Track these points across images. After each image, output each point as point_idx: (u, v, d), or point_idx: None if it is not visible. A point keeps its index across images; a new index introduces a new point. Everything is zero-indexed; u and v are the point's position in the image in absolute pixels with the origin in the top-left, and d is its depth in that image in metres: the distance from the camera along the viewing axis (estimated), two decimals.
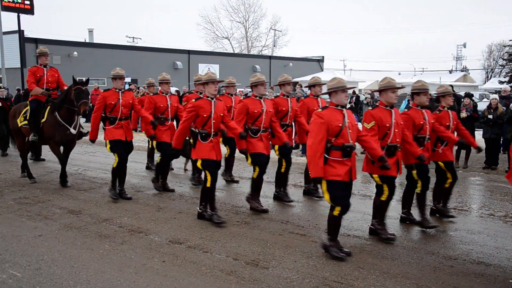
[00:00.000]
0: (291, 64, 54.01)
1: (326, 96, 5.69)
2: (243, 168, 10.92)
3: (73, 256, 5.42)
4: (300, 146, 8.40)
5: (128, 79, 34.68)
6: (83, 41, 43.53)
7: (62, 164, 9.10)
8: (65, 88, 9.11)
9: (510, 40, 45.18)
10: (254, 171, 7.26)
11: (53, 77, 9.40)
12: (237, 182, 9.57)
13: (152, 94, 9.77)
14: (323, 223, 6.66)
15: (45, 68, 9.32)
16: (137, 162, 11.86)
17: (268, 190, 8.53)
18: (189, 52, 46.89)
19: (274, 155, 7.80)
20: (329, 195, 5.29)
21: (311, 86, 8.17)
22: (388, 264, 5.23)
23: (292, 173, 10.23)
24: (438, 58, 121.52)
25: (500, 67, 50.61)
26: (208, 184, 6.54)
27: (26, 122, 9.17)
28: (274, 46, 63.01)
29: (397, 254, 5.56)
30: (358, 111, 19.44)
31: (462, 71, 56.44)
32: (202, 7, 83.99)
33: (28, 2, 31.55)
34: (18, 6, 31.10)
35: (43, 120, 8.86)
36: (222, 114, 6.66)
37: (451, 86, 13.74)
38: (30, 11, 31.95)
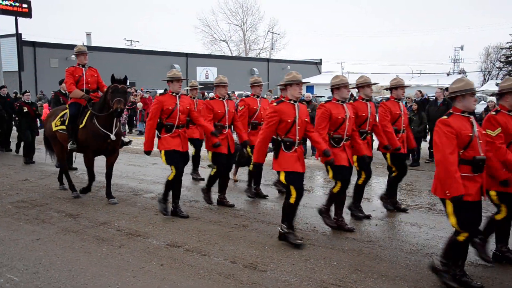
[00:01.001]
0: (289, 66, 54.10)
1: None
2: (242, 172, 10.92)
3: (71, 260, 5.41)
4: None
5: None
6: (81, 44, 43.49)
7: (90, 178, 8.26)
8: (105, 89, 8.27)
9: (508, 43, 45.24)
10: (335, 185, 6.46)
11: (93, 77, 8.53)
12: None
13: (193, 98, 9.48)
14: (321, 225, 6.67)
15: (83, 68, 8.43)
16: (135, 166, 11.87)
17: (266, 191, 8.54)
18: (187, 55, 46.99)
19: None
20: (457, 219, 4.54)
21: (392, 88, 7.32)
22: (386, 267, 5.23)
23: None
24: (436, 60, 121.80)
25: (497, 69, 50.73)
26: (292, 200, 5.78)
27: (63, 126, 8.29)
28: (272, 49, 63.22)
29: (395, 256, 5.56)
30: None
31: (459, 73, 56.55)
32: (200, 10, 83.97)
33: (25, 6, 31.56)
34: (16, 10, 31.14)
35: (81, 126, 7.96)
36: (306, 119, 5.92)
37: (446, 89, 13.86)
38: (27, 14, 31.97)
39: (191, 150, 8.81)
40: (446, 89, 13.61)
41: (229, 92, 19.63)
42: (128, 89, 25.42)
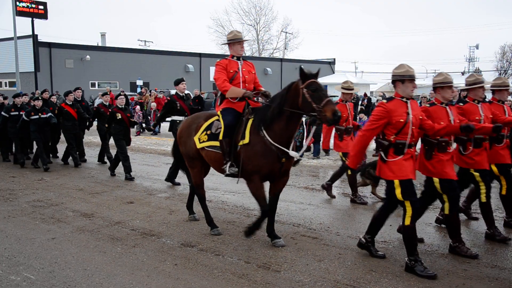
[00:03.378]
0: (302, 66, 53.87)
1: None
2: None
3: (85, 259, 5.46)
4: (311, 148, 8.45)
5: (140, 82, 34.99)
6: (96, 44, 43.95)
7: (263, 212, 5.81)
8: (261, 90, 6.35)
9: None
10: (448, 204, 5.49)
11: (250, 74, 6.39)
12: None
13: (345, 102, 8.40)
14: (335, 226, 6.64)
15: (239, 62, 6.35)
16: (149, 165, 11.93)
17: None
18: (200, 55, 47.13)
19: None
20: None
21: (496, 89, 6.52)
22: (401, 268, 5.18)
23: (304, 176, 10.22)
24: (451, 59, 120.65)
25: None
26: (408, 221, 5.05)
27: (213, 142, 6.10)
28: (285, 48, 63.16)
29: None
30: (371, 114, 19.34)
31: (474, 72, 56.00)
32: (213, 10, 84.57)
33: (42, 7, 31.95)
34: (32, 11, 31.55)
35: (244, 141, 5.78)
36: (421, 117, 5.19)
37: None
38: (44, 15, 32.36)
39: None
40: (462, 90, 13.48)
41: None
42: (143, 89, 25.49)
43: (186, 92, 10.54)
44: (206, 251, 5.70)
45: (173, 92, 12.32)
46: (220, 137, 5.93)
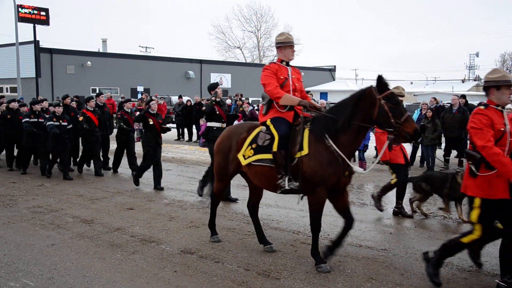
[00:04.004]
0: (302, 73, 53.57)
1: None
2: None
3: (85, 265, 5.45)
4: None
5: (140, 89, 35.05)
6: (97, 50, 44.06)
7: (316, 232, 5.35)
8: (307, 98, 5.79)
9: None
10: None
11: (299, 82, 5.87)
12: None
13: None
14: (335, 233, 6.62)
15: (288, 68, 5.78)
16: (149, 172, 11.89)
17: (269, 197, 8.53)
18: (201, 61, 47.22)
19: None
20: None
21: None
22: (400, 276, 5.17)
23: None
24: (451, 67, 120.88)
25: None
26: (466, 241, 4.68)
27: (263, 155, 5.49)
28: None
29: (409, 265, 5.51)
30: None
31: (475, 80, 56.07)
32: (214, 17, 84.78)
33: (43, 13, 32.06)
34: (34, 17, 31.65)
35: (303, 153, 5.23)
36: None
37: (463, 96, 13.72)
38: (45, 21, 32.46)
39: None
40: (462, 96, 13.52)
41: (242, 99, 19.74)
42: (143, 95, 25.51)
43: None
44: (206, 258, 5.69)
45: (174, 98, 12.25)
46: (274, 148, 5.32)
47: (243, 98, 20.07)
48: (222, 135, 6.17)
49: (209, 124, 9.04)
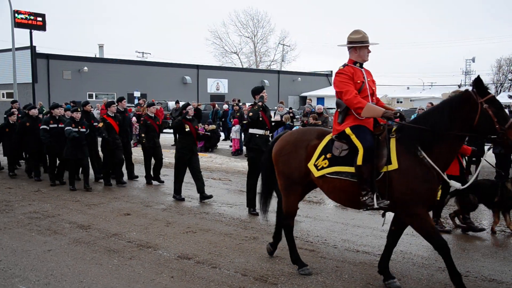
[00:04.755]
0: (299, 78, 54.24)
1: None
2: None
3: (82, 271, 5.43)
4: None
5: (137, 94, 35.05)
6: (94, 56, 44.06)
7: (445, 250, 4.65)
8: (383, 104, 5.23)
9: None
10: None
11: (374, 84, 5.29)
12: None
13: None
14: (332, 238, 6.63)
15: (362, 70, 5.15)
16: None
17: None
18: (198, 67, 47.26)
19: None
20: None
21: None
22: (398, 281, 5.17)
23: None
24: (447, 72, 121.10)
25: (510, 81, 50.54)
26: None
27: (338, 168, 4.89)
28: (283, 60, 63.51)
29: (407, 270, 5.51)
30: None
31: (471, 85, 56.22)
32: (211, 22, 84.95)
33: (40, 19, 32.04)
34: (31, 23, 31.60)
35: (392, 167, 4.62)
36: None
37: None
38: (42, 27, 32.42)
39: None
40: None
41: (240, 104, 19.74)
42: (141, 100, 25.51)
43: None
44: (203, 264, 5.68)
45: (171, 103, 12.19)
46: (359, 162, 4.68)
47: (240, 104, 20.05)
48: (283, 140, 5.45)
49: (252, 131, 8.18)
